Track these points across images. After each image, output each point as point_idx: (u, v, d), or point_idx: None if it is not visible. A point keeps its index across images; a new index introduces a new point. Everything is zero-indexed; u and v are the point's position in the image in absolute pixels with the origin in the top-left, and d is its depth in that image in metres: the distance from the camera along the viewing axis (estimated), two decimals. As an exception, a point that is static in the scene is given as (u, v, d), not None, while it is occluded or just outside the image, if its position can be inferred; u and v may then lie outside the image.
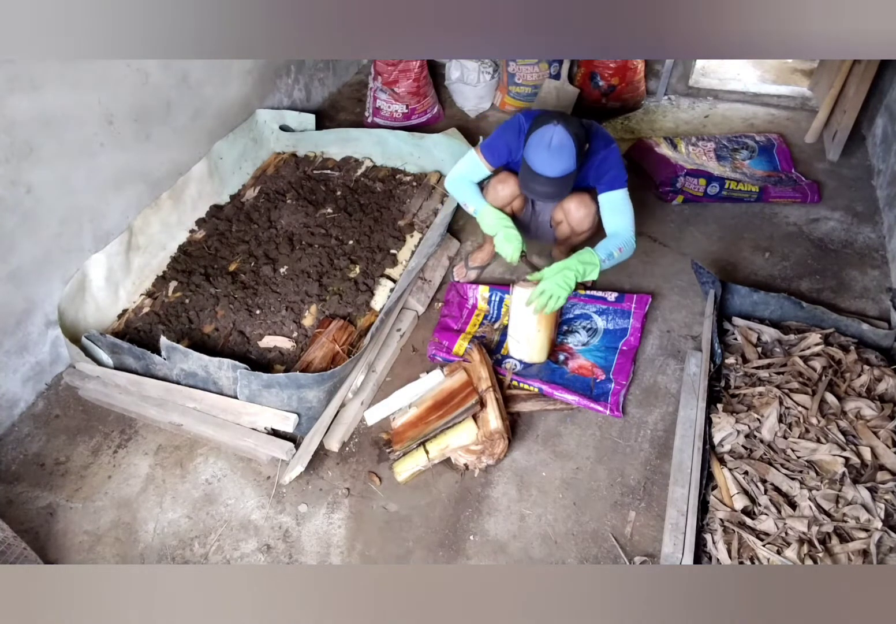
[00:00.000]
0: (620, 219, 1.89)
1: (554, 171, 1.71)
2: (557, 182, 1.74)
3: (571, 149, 1.68)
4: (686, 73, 3.33)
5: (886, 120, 2.68)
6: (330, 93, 3.53)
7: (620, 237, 1.88)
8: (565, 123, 1.68)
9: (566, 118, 1.71)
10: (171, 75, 2.29)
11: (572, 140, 1.68)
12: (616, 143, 1.88)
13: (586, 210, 1.97)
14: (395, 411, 1.94)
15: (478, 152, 2.00)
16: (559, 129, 1.67)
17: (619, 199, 1.88)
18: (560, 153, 1.68)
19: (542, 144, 1.69)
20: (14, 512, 1.75)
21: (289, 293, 2.19)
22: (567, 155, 1.69)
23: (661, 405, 1.93)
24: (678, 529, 1.55)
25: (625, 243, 1.86)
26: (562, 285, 1.79)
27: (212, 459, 1.87)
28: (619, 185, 1.87)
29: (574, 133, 1.68)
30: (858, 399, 1.72)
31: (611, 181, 1.87)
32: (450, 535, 1.67)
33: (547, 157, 1.70)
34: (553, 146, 1.68)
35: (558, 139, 1.67)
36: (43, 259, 1.94)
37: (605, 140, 1.87)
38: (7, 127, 1.74)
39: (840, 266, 2.37)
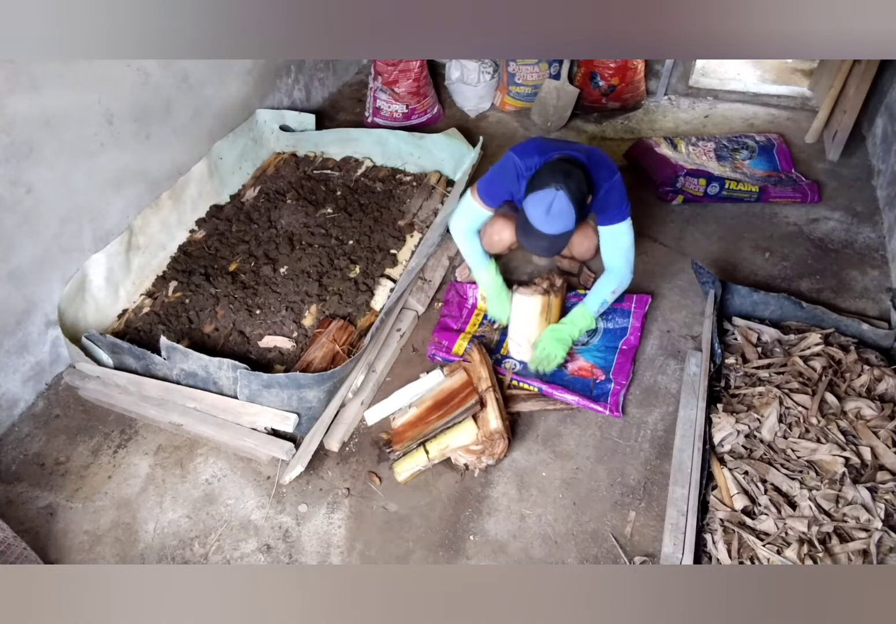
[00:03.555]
0: (619, 254, 1.90)
1: (551, 230, 1.68)
2: (555, 238, 1.70)
3: (571, 214, 1.64)
4: (686, 73, 3.33)
5: (886, 120, 2.68)
6: (330, 93, 3.53)
7: (616, 276, 1.92)
8: (566, 187, 1.61)
9: (571, 181, 1.63)
10: (171, 75, 2.29)
11: (573, 206, 1.62)
12: (619, 172, 1.81)
13: (589, 243, 2.01)
14: (395, 411, 1.94)
15: (476, 198, 1.95)
16: (560, 195, 1.61)
17: (620, 233, 1.86)
18: (559, 218, 1.64)
19: (541, 207, 1.64)
20: (14, 512, 1.75)
21: (289, 293, 2.19)
22: (566, 219, 1.65)
23: (661, 405, 1.93)
24: (678, 529, 1.55)
25: (620, 283, 1.94)
26: (558, 348, 1.93)
27: (212, 459, 1.87)
28: (620, 219, 1.84)
29: (575, 199, 1.62)
30: (858, 399, 1.72)
31: (613, 215, 1.84)
32: (450, 535, 1.67)
33: (545, 220, 1.66)
34: (552, 212, 1.63)
35: (558, 206, 1.62)
36: (43, 259, 1.94)
37: (609, 170, 1.80)
38: (7, 127, 1.74)
39: (840, 266, 2.37)
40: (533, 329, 1.95)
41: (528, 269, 2.43)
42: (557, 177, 1.63)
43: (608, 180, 1.78)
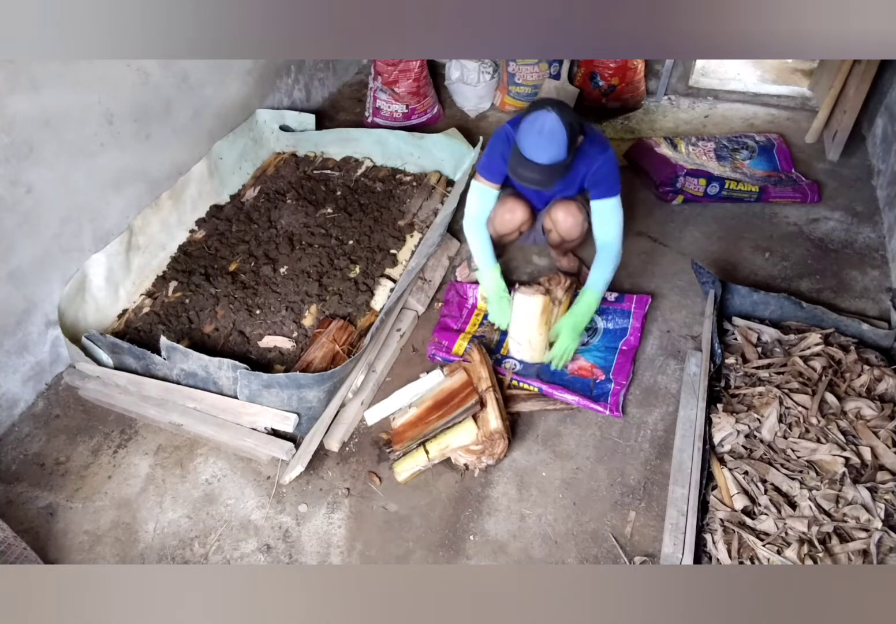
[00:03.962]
0: (610, 227, 1.92)
1: (543, 158, 1.68)
2: (545, 170, 1.70)
3: (563, 137, 1.64)
4: (686, 73, 3.33)
5: (886, 120, 2.68)
6: (330, 93, 3.53)
7: (610, 253, 1.93)
8: (559, 111, 1.64)
9: (562, 107, 1.67)
10: (171, 75, 2.29)
11: (564, 129, 1.63)
12: (612, 147, 1.86)
13: (574, 220, 2.01)
14: (395, 411, 1.94)
15: (478, 178, 1.99)
16: (552, 115, 1.63)
17: (611, 207, 1.89)
18: (551, 139, 1.65)
19: (533, 129, 1.66)
20: (14, 512, 1.75)
21: (289, 293, 2.19)
22: (557, 142, 1.65)
23: (661, 405, 1.93)
24: (678, 529, 1.55)
25: (615, 261, 1.95)
26: (575, 338, 1.96)
27: (212, 459, 1.87)
28: (612, 194, 1.87)
29: (567, 123, 1.64)
30: (858, 399, 1.71)
31: (605, 190, 1.87)
32: (450, 535, 1.67)
33: (537, 142, 1.66)
34: (544, 132, 1.64)
35: (550, 125, 1.63)
36: (43, 259, 1.94)
37: (602, 145, 1.84)
38: (7, 127, 1.74)
39: (840, 266, 2.37)
40: (533, 329, 1.95)
41: (528, 269, 2.44)
42: (550, 102, 1.67)
43: (603, 153, 1.83)
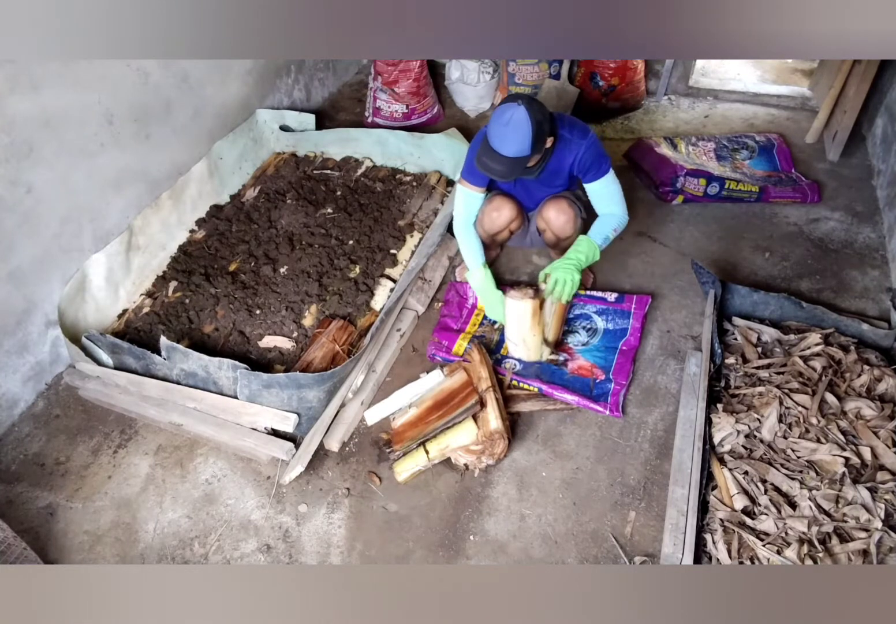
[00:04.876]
0: (611, 203, 1.94)
1: (505, 149, 1.69)
2: (507, 162, 1.72)
3: (527, 131, 1.66)
4: (686, 73, 3.33)
5: (886, 120, 2.68)
6: (330, 93, 3.53)
7: (615, 217, 1.94)
8: (529, 107, 1.65)
9: (534, 104, 1.68)
10: (171, 75, 2.29)
11: (531, 124, 1.65)
12: (592, 130, 1.89)
13: (566, 216, 2.02)
14: (395, 411, 1.94)
15: (462, 182, 2.02)
16: (521, 109, 1.64)
17: (606, 185, 1.92)
18: (515, 131, 1.66)
19: (500, 120, 1.68)
20: (14, 512, 1.75)
21: (289, 293, 2.19)
22: (521, 135, 1.67)
23: (661, 405, 1.93)
24: (678, 529, 1.55)
25: (619, 223, 1.95)
26: (569, 269, 1.88)
27: (212, 459, 1.87)
28: (605, 172, 1.90)
29: (536, 120, 1.66)
30: (858, 399, 1.71)
31: (597, 171, 1.90)
32: (450, 535, 1.67)
33: (502, 132, 1.68)
34: (510, 123, 1.66)
35: (517, 118, 1.65)
36: (43, 259, 1.94)
37: (583, 131, 1.87)
38: (7, 127, 1.74)
39: (840, 266, 2.37)
40: (526, 330, 1.94)
41: (528, 270, 2.44)
42: (523, 97, 1.69)
43: (584, 138, 1.86)
